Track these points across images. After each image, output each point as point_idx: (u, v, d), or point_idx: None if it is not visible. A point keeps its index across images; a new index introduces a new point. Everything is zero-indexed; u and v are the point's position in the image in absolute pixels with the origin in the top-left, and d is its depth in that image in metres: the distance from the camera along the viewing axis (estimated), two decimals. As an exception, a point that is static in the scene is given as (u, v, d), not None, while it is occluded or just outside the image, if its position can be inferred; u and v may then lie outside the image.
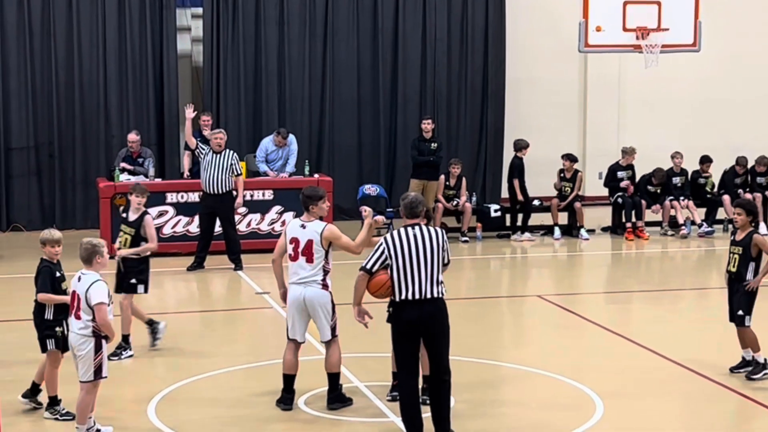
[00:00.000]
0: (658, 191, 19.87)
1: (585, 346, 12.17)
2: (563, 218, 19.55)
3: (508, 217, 19.49)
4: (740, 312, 10.42)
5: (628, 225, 19.42)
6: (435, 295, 8.47)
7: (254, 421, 9.31)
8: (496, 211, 19.39)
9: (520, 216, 19.34)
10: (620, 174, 19.86)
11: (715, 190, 20.33)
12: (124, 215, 11.63)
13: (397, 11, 21.49)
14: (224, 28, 20.69)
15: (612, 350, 11.86)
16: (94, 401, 8.66)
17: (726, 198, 19.86)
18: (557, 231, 19.33)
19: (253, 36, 20.94)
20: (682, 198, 19.75)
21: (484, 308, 13.29)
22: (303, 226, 9.41)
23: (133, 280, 11.36)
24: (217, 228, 16.41)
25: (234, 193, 16.30)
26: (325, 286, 9.38)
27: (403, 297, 8.45)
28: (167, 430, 9.00)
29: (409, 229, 8.57)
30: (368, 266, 8.57)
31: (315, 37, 21.16)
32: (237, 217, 16.93)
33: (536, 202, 19.50)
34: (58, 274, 9.22)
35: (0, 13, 19.84)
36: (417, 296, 8.42)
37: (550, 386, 10.36)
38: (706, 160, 20.37)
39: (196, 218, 16.88)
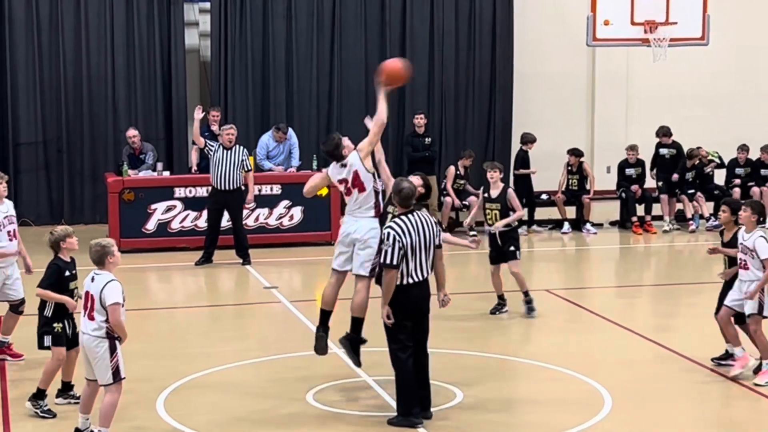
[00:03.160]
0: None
1: (593, 341, 12.16)
2: (571, 212, 19.53)
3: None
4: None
5: (634, 219, 19.41)
6: (428, 275, 8.95)
7: (263, 415, 9.32)
8: (504, 205, 19.37)
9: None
10: (629, 171, 19.84)
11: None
12: (485, 195, 12.90)
13: (404, 5, 21.48)
14: (232, 22, 20.70)
15: (620, 345, 11.85)
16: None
17: (736, 191, 19.85)
18: (566, 225, 19.33)
19: (260, 30, 20.94)
20: (691, 192, 19.75)
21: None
22: (343, 165, 9.55)
23: (512, 248, 12.78)
24: (224, 222, 16.41)
25: (243, 188, 16.29)
26: (377, 212, 9.45)
27: (412, 280, 8.76)
28: (176, 424, 9.01)
29: (408, 216, 8.84)
30: (393, 262, 8.66)
31: (322, 31, 21.16)
32: (245, 212, 16.93)
33: (544, 197, 19.49)
34: (68, 273, 9.15)
35: (8, 8, 19.89)
36: (422, 277, 8.82)
37: (558, 380, 10.35)
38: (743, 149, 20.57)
39: (205, 213, 16.88)
